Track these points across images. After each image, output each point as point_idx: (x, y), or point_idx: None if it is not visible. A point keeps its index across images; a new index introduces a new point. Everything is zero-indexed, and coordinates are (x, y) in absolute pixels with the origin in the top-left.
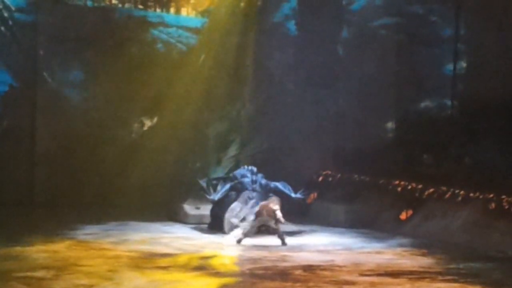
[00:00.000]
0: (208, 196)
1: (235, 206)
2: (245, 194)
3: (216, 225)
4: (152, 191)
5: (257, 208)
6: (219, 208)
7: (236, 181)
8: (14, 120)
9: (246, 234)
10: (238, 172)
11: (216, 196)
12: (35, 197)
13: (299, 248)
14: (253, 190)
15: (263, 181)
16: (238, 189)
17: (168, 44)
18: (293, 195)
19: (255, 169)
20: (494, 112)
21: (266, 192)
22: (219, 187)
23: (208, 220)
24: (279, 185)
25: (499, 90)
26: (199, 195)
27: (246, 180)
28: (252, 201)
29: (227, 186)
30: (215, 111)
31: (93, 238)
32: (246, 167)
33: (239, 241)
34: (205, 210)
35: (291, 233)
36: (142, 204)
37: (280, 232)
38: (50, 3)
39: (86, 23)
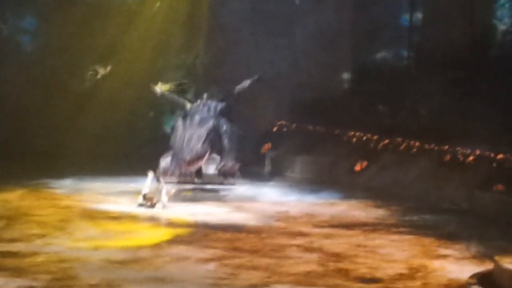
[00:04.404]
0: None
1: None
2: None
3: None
4: (105, 140)
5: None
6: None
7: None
8: None
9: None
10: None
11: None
12: None
13: (253, 199)
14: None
15: (213, 104)
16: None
17: None
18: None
19: (205, 95)
20: (450, 63)
21: (217, 116)
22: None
23: None
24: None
25: (455, 41)
26: None
27: (193, 105)
28: (197, 118)
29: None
30: (170, 60)
31: (45, 188)
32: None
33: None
34: None
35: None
36: (94, 154)
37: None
38: None
39: None
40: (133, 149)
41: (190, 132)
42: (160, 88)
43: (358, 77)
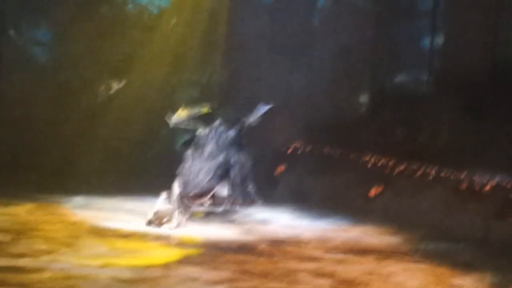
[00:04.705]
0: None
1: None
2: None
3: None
4: (116, 156)
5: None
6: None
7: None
8: None
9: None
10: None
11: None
12: None
13: (264, 222)
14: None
15: (224, 134)
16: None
17: (139, 6)
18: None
19: (217, 121)
20: (470, 89)
21: (227, 147)
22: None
23: None
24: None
25: (476, 65)
26: None
27: (201, 134)
28: (206, 151)
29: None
30: (185, 77)
31: (54, 203)
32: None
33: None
34: None
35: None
36: (105, 170)
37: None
38: None
39: None
40: (145, 165)
41: (199, 166)
42: (174, 119)
43: (376, 100)
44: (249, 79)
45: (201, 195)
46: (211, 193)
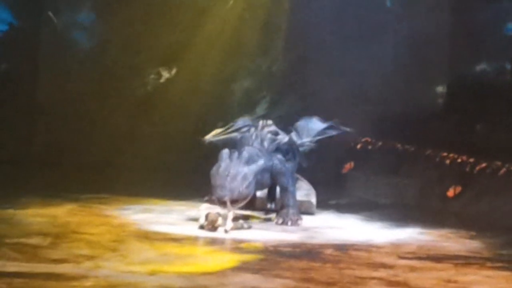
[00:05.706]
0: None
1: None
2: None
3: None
4: (166, 152)
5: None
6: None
7: (234, 133)
8: (13, 65)
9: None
10: (242, 121)
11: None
12: (34, 153)
13: (331, 225)
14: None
15: (268, 136)
16: (236, 144)
17: None
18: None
19: (260, 123)
20: None
21: (270, 152)
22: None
23: None
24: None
25: None
26: None
27: (245, 133)
28: (245, 155)
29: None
30: (243, 65)
31: (98, 203)
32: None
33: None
34: None
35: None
36: (154, 166)
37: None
38: None
39: None
40: (198, 162)
41: (236, 169)
42: (211, 135)
43: (454, 92)
44: (314, 68)
45: (236, 201)
46: (247, 199)
